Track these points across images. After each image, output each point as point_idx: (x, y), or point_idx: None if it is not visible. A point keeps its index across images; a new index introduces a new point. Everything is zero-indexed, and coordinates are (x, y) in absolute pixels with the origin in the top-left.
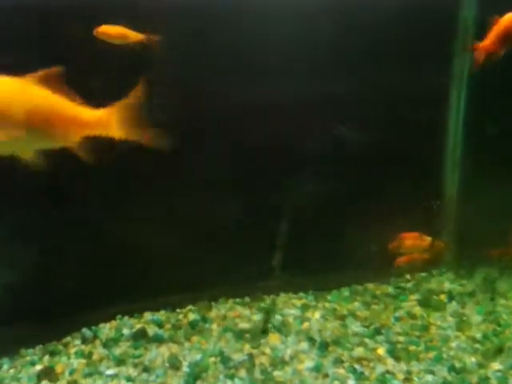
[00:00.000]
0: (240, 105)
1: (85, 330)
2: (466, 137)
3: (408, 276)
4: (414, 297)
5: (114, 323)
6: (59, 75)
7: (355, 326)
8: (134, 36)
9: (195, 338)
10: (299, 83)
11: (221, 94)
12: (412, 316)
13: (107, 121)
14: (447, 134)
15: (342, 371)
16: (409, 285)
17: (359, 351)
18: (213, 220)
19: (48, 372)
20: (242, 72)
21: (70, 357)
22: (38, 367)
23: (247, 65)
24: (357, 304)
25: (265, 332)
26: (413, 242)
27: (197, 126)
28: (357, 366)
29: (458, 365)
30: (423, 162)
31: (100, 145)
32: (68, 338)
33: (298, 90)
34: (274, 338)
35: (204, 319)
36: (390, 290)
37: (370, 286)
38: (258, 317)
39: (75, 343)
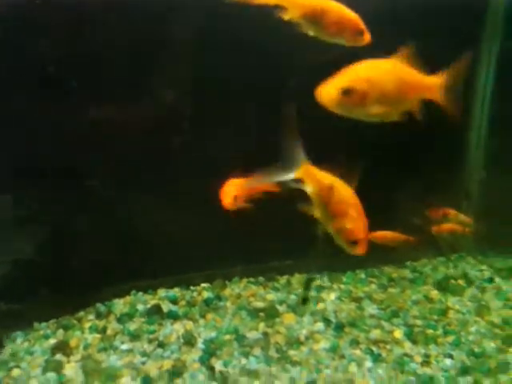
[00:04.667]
0: None
1: (99, 305)
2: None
3: (425, 260)
4: (432, 280)
5: (128, 299)
6: (412, 51)
7: (371, 309)
8: None
9: (210, 316)
10: None
11: None
12: (430, 300)
13: (440, 86)
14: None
15: (358, 352)
16: (426, 269)
17: (376, 333)
18: None
19: (62, 346)
20: None
21: (84, 331)
22: (52, 341)
23: None
24: (373, 286)
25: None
26: (450, 213)
27: None
28: (374, 348)
29: (477, 349)
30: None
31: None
32: (82, 313)
33: None
34: (288, 318)
35: (218, 297)
36: (407, 273)
37: (387, 268)
38: (272, 296)
39: (89, 318)
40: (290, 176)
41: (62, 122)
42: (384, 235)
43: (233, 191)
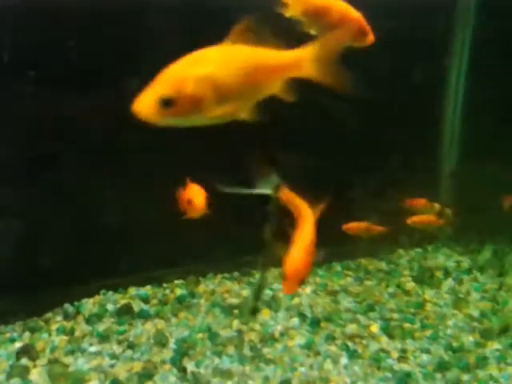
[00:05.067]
0: None
1: (67, 306)
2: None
3: (402, 251)
4: (408, 272)
5: (97, 298)
6: (250, 26)
7: (347, 302)
8: None
9: (182, 314)
10: None
11: None
12: (406, 292)
13: (301, 61)
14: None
15: (334, 348)
16: (402, 260)
17: (352, 328)
18: None
19: (28, 349)
20: None
21: (52, 333)
22: (18, 344)
23: None
24: (349, 279)
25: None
26: (425, 203)
27: None
28: (349, 344)
29: (455, 344)
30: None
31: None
32: (49, 314)
33: None
34: (263, 314)
35: (192, 294)
36: (383, 265)
37: (363, 261)
38: (246, 292)
39: (57, 319)
40: (267, 192)
41: None
42: (357, 226)
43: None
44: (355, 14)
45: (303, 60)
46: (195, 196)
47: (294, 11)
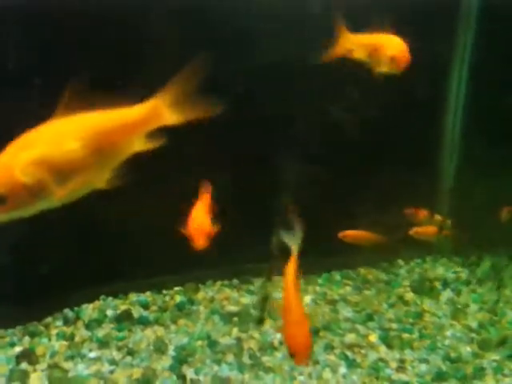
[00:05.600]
0: None
1: (67, 311)
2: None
3: (401, 261)
4: (408, 282)
5: (97, 304)
6: (83, 90)
7: (346, 311)
8: None
9: (182, 321)
10: None
11: None
12: (405, 302)
13: (157, 110)
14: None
15: (333, 358)
16: (402, 270)
17: (351, 337)
18: None
19: (28, 354)
20: None
21: (51, 338)
22: (18, 349)
23: None
24: (348, 289)
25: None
26: (427, 214)
27: None
28: (348, 353)
29: (453, 354)
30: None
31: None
32: (49, 319)
33: None
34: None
35: (191, 301)
36: (383, 275)
37: (362, 270)
38: (246, 300)
39: (57, 324)
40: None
41: None
42: (356, 235)
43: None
44: (406, 49)
45: (159, 108)
46: (198, 231)
47: (359, 54)
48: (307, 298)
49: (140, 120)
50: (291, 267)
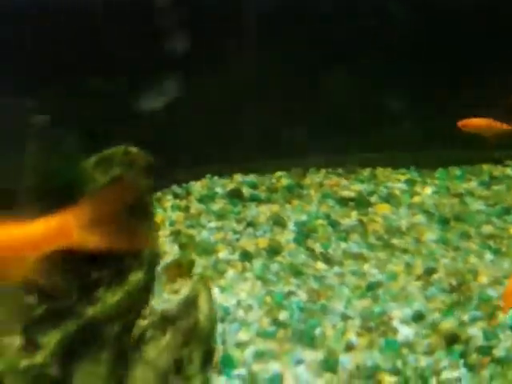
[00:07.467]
0: None
1: (175, 187)
2: None
3: None
4: None
5: (204, 182)
6: None
7: (478, 204)
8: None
9: (296, 202)
10: None
11: None
12: None
13: (65, 228)
14: None
15: (473, 246)
16: None
17: (488, 229)
18: None
19: None
20: None
21: (166, 210)
22: None
23: None
24: (473, 183)
25: None
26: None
27: None
28: (490, 243)
29: None
30: None
31: None
32: (159, 194)
33: None
34: (383, 208)
35: (299, 185)
36: (509, 171)
37: (485, 166)
38: (358, 187)
39: (167, 198)
40: None
41: None
42: (476, 123)
43: None
44: None
45: (67, 226)
46: None
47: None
48: (428, 190)
49: (42, 238)
50: None
